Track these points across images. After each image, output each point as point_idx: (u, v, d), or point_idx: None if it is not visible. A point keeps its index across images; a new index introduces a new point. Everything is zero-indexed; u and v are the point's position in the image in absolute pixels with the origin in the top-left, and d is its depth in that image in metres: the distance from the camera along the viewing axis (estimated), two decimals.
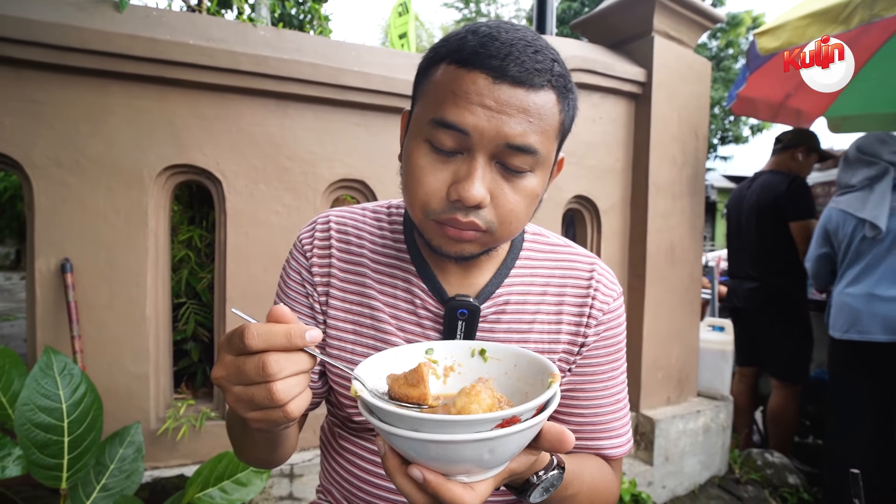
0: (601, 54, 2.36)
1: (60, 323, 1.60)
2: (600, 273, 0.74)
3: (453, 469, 0.44)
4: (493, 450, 0.42)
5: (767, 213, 2.68)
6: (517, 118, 0.55)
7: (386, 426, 0.42)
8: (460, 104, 0.55)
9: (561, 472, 0.55)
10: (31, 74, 1.54)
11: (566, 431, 0.47)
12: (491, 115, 0.54)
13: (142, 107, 1.66)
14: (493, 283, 0.70)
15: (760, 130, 12.54)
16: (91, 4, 1.62)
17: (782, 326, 2.67)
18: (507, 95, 0.54)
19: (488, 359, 0.56)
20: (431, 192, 0.57)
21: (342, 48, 1.94)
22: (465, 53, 0.56)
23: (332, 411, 0.79)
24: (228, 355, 0.45)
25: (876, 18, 1.68)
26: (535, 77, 0.55)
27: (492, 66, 0.54)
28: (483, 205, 0.57)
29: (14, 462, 1.22)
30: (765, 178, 2.77)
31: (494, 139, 0.55)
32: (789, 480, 2.46)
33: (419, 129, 0.59)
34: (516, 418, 0.41)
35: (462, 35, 0.58)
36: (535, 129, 0.56)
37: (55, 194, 1.59)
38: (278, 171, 1.82)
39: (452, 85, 0.56)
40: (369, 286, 0.71)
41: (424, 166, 0.58)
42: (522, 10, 16.73)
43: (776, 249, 2.68)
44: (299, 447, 1.90)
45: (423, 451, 0.42)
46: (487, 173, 0.57)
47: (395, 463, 0.46)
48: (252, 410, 0.45)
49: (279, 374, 0.43)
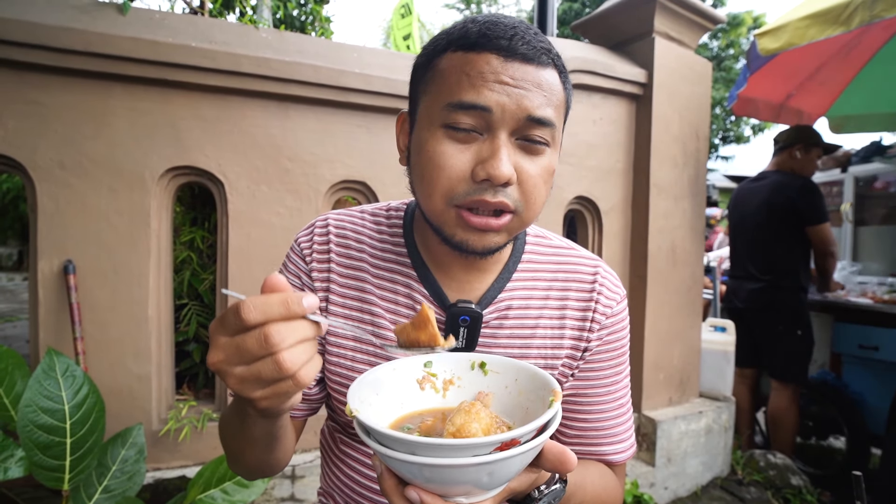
0: (602, 55, 2.36)
1: (63, 324, 1.61)
2: (603, 276, 0.72)
3: (451, 491, 0.43)
4: (493, 472, 0.41)
5: (777, 214, 2.66)
6: (534, 92, 0.56)
7: (382, 449, 0.41)
8: (476, 84, 0.55)
9: (563, 486, 0.54)
10: (34, 77, 1.55)
11: (567, 452, 0.46)
12: (510, 91, 0.55)
13: (144, 109, 1.67)
14: (496, 287, 0.69)
15: (762, 130, 12.53)
16: (94, 7, 1.63)
17: (784, 327, 2.66)
18: (521, 72, 0.56)
19: (488, 372, 0.55)
20: (456, 175, 0.57)
21: (343, 50, 1.95)
22: (471, 38, 0.57)
23: (332, 416, 0.78)
24: (223, 337, 0.42)
25: (876, 19, 1.68)
26: (541, 55, 0.57)
27: (501, 45, 0.56)
28: (511, 182, 0.57)
29: (16, 463, 1.22)
30: (773, 178, 2.75)
31: (516, 113, 0.56)
32: (792, 481, 2.45)
33: (432, 119, 0.58)
34: (516, 441, 0.40)
35: (462, 25, 0.60)
36: (549, 102, 0.57)
37: (58, 196, 1.59)
38: (280, 172, 1.83)
39: (465, 68, 0.56)
40: (369, 290, 0.69)
41: (445, 151, 0.57)
42: (524, 11, 16.75)
43: (781, 250, 2.68)
44: (300, 448, 1.90)
45: (420, 473, 0.41)
46: (510, 150, 0.57)
47: (391, 484, 0.45)
48: (259, 388, 0.42)
49: (283, 344, 0.40)
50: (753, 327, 2.80)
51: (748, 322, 2.82)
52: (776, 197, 2.68)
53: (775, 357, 2.71)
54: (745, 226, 2.84)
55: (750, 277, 2.80)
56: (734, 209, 2.97)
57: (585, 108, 2.31)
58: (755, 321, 2.78)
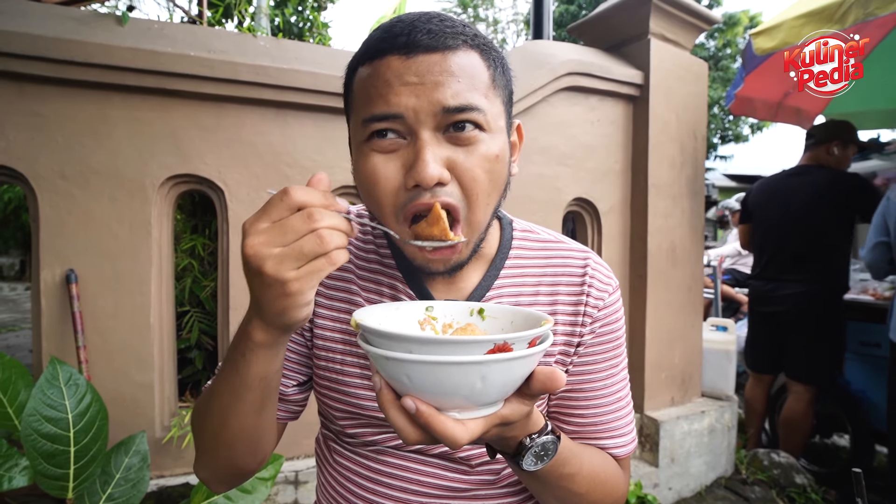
0: (598, 57, 2.38)
1: (66, 333, 1.62)
2: (594, 267, 0.70)
3: (445, 402, 0.44)
4: (486, 377, 0.42)
5: (835, 212, 2.53)
6: (444, 81, 0.53)
7: (382, 351, 0.43)
8: (383, 93, 0.54)
9: (555, 439, 0.54)
10: (34, 88, 1.56)
11: (557, 371, 0.47)
12: (416, 89, 0.53)
13: (144, 118, 1.68)
14: (483, 285, 0.68)
15: (760, 129, 12.54)
16: (93, 18, 1.65)
17: (823, 329, 2.54)
18: (425, 65, 0.53)
19: (486, 317, 0.57)
20: (390, 188, 0.56)
21: (341, 56, 1.96)
22: (372, 48, 0.56)
23: (325, 423, 0.77)
24: (264, 223, 0.47)
25: (870, 17, 1.69)
26: (447, 39, 0.54)
27: (399, 43, 0.53)
28: (444, 181, 0.54)
29: (21, 472, 1.22)
30: (819, 173, 2.62)
31: (429, 109, 0.53)
32: (796, 480, 2.45)
33: (358, 138, 0.58)
34: (508, 346, 0.42)
35: (366, 38, 0.58)
36: (465, 86, 0.54)
37: (60, 206, 1.61)
38: (279, 178, 1.84)
39: (372, 80, 0.55)
40: (355, 293, 0.69)
41: (375, 166, 0.56)
42: (520, 14, 16.80)
43: (834, 248, 2.56)
44: (304, 454, 1.90)
45: (415, 375, 0.43)
46: (437, 148, 0.54)
47: (389, 397, 0.46)
48: (296, 266, 0.46)
49: (324, 222, 0.46)
50: (788, 331, 2.64)
51: (782, 325, 2.67)
52: (831, 192, 2.53)
53: (802, 359, 2.58)
54: (788, 222, 2.65)
55: (794, 279, 2.61)
56: (768, 204, 2.79)
57: (583, 109, 2.32)
58: (793, 324, 2.61)
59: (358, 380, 0.68)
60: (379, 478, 0.69)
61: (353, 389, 0.68)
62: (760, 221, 2.85)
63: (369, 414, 0.67)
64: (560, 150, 2.25)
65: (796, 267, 2.63)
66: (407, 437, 0.45)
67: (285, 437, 0.77)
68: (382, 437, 0.68)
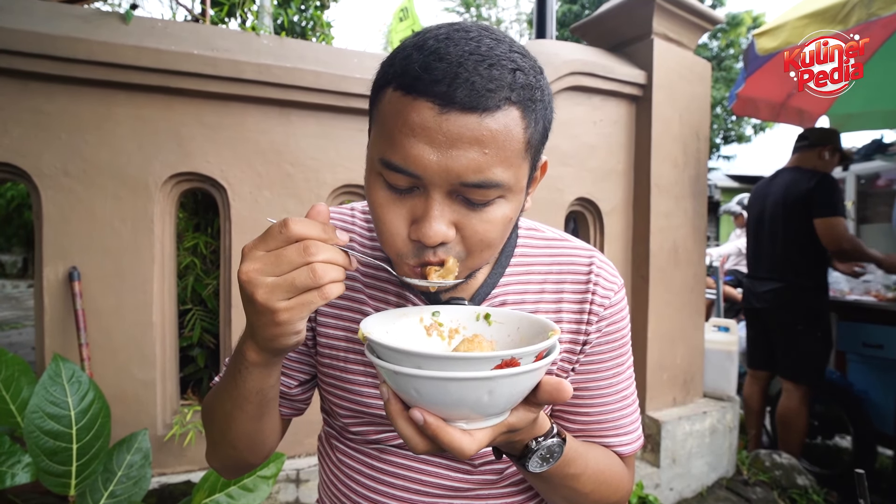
0: (601, 57, 2.37)
1: (68, 331, 1.62)
2: (599, 266, 0.69)
3: (453, 413, 0.45)
4: (493, 391, 0.43)
5: (795, 210, 2.59)
6: (469, 152, 0.48)
7: (390, 365, 0.44)
8: (406, 143, 0.49)
9: (561, 442, 0.54)
10: (38, 86, 1.57)
11: (563, 382, 0.47)
12: (440, 152, 0.48)
13: (147, 116, 1.68)
14: (489, 283, 0.67)
15: (763, 129, 12.52)
16: (97, 17, 1.65)
17: (804, 327, 2.58)
18: (458, 126, 0.48)
19: (493, 322, 0.57)
20: (395, 232, 0.54)
21: (344, 55, 1.96)
22: (410, 75, 0.49)
23: (329, 421, 0.77)
24: (261, 251, 0.48)
25: (873, 17, 1.68)
26: (488, 99, 0.48)
27: (436, 92, 0.47)
28: (447, 241, 0.52)
29: (23, 469, 1.23)
30: (790, 174, 2.68)
31: (447, 178, 0.50)
32: (798, 481, 2.44)
33: (373, 163, 0.55)
34: (515, 360, 0.43)
35: (408, 52, 0.51)
36: (492, 160, 0.49)
37: (63, 203, 1.61)
38: (282, 177, 1.84)
39: (399, 120, 0.50)
40: (359, 290, 0.69)
41: (383, 203, 0.54)
42: (523, 14, 16.78)
43: (801, 248, 2.60)
44: (305, 452, 1.90)
45: (424, 390, 0.43)
46: (448, 208, 0.52)
47: (397, 407, 0.46)
48: (286, 298, 0.47)
49: (319, 256, 0.47)
50: (772, 328, 2.72)
51: (766, 323, 2.74)
52: (793, 191, 2.60)
53: (790, 358, 2.63)
54: (764, 224, 2.75)
55: (769, 277, 2.71)
56: (752, 206, 2.90)
57: (586, 109, 2.32)
58: (774, 321, 2.70)
59: (361, 377, 0.68)
60: (381, 476, 0.69)
61: (357, 388, 0.68)
62: (747, 222, 2.99)
63: (372, 412, 0.67)
64: (562, 149, 2.25)
65: (771, 266, 2.73)
66: (415, 446, 0.46)
67: (287, 435, 0.78)
68: (385, 435, 0.68)
